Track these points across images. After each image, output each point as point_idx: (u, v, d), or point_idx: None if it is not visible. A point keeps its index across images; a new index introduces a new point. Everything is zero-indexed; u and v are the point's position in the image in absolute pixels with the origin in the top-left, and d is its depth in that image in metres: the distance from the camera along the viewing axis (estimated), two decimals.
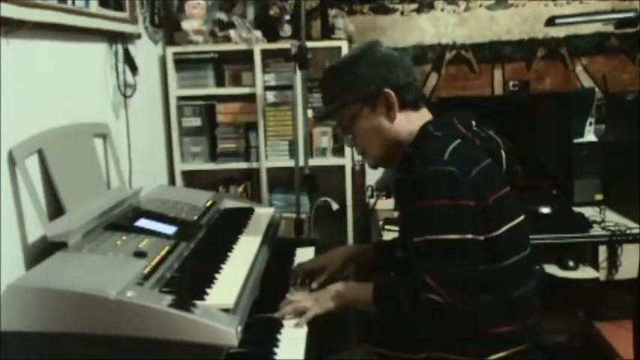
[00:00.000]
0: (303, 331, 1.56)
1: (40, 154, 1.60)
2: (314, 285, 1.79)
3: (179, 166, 2.91)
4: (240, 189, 2.98)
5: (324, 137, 2.93)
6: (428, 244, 1.41)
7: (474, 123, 1.61)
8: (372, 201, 2.97)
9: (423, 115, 1.63)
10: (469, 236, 1.40)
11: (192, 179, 3.00)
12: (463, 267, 1.40)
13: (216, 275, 1.55)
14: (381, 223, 2.65)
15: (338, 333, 1.50)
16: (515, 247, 1.51)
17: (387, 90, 1.57)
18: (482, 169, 1.48)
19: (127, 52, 2.23)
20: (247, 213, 2.19)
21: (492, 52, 3.17)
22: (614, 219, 2.56)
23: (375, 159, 1.68)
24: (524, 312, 1.51)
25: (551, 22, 2.59)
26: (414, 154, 1.52)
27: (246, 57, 2.82)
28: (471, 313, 1.41)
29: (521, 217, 1.55)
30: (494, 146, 1.60)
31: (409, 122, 1.59)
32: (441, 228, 1.40)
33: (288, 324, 1.59)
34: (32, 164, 1.58)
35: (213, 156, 2.94)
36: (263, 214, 2.21)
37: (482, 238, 1.42)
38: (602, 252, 2.96)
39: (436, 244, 1.40)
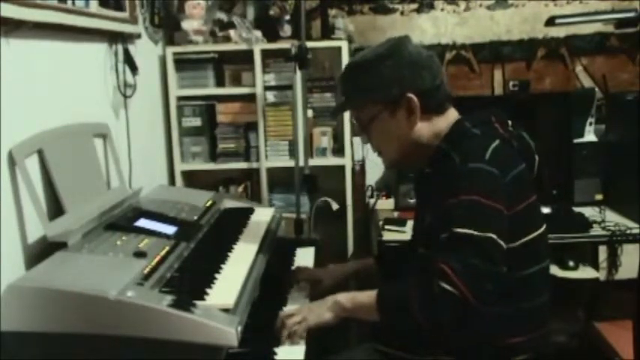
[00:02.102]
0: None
1: (40, 154, 1.60)
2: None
3: (179, 166, 2.91)
4: (240, 189, 2.98)
5: (324, 137, 2.92)
6: (451, 237, 1.31)
7: (510, 123, 1.54)
8: (372, 201, 2.97)
9: (449, 117, 1.54)
10: (492, 235, 1.31)
11: (192, 179, 3.00)
12: (484, 262, 1.29)
13: (216, 275, 1.55)
14: (381, 223, 2.65)
15: (338, 332, 1.49)
16: (535, 258, 1.47)
17: (410, 95, 1.48)
18: (517, 175, 1.42)
19: (127, 52, 2.23)
20: (247, 213, 2.19)
21: (492, 52, 3.16)
22: (614, 219, 2.56)
23: (389, 161, 1.62)
24: (536, 324, 1.48)
25: (551, 22, 2.60)
26: (449, 149, 1.45)
27: (246, 57, 2.82)
28: (482, 316, 1.28)
29: (544, 227, 1.50)
30: (528, 149, 1.53)
31: (432, 126, 1.51)
32: (467, 222, 1.31)
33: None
34: (32, 164, 1.58)
35: (213, 156, 2.93)
36: (263, 214, 2.21)
37: (504, 245, 1.33)
38: (602, 252, 2.96)
39: (459, 237, 1.31)
